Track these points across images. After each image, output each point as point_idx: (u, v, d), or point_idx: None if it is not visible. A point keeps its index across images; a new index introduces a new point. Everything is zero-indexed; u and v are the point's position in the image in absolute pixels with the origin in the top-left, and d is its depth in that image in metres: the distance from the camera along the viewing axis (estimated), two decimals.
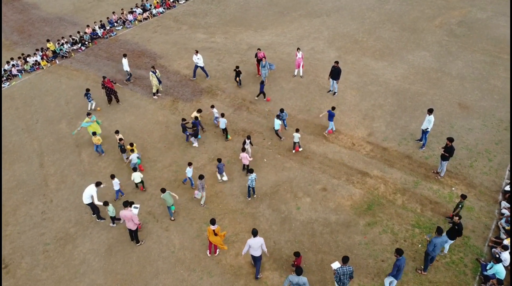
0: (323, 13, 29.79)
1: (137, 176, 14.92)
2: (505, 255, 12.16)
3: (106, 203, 13.32)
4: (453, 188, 15.16)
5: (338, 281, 10.60)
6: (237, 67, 20.54)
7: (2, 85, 22.13)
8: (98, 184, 13.70)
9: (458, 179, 15.54)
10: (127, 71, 21.47)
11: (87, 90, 19.48)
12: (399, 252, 10.56)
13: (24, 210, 14.95)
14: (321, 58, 23.84)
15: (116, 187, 14.70)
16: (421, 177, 15.68)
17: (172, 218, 14.25)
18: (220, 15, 30.18)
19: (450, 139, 14.64)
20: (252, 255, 11.87)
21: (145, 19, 29.54)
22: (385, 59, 23.46)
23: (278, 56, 24.05)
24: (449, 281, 12.05)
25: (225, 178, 15.71)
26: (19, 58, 23.52)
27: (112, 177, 14.49)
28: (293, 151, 16.96)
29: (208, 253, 12.94)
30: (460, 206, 13.22)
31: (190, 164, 14.96)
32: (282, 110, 17.41)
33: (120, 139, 16.29)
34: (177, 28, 28.28)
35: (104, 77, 19.70)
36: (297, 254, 11.59)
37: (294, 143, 16.77)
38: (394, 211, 14.34)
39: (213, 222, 11.92)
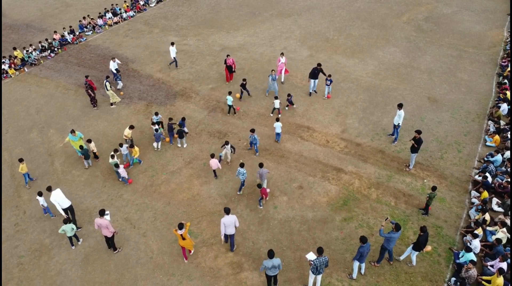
0: (294, 12, 30.08)
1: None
2: (475, 243, 12.62)
3: (65, 221, 12.75)
4: (425, 180, 15.60)
5: (315, 271, 10.98)
6: (244, 79, 19.81)
7: None
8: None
9: (429, 171, 16.00)
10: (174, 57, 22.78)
11: (117, 70, 21.02)
12: (363, 240, 11.10)
13: None
14: (294, 57, 24.08)
15: (45, 204, 14.23)
16: (394, 170, 16.07)
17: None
18: (191, 17, 30.06)
19: (418, 132, 15.09)
20: (226, 234, 12.57)
21: (116, 23, 29.13)
22: (356, 56, 23.90)
23: (251, 57, 24.16)
24: (424, 271, 12.40)
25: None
26: None
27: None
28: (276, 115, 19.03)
29: (185, 260, 12.88)
30: (428, 196, 13.63)
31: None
32: (252, 130, 16.50)
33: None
34: (149, 31, 28.01)
35: (86, 77, 19.70)
36: (259, 186, 14.05)
37: (274, 108, 18.89)
38: (369, 205, 14.65)
39: (180, 226, 11.89)
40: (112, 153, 15.66)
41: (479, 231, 13.04)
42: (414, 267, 12.47)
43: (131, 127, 17.02)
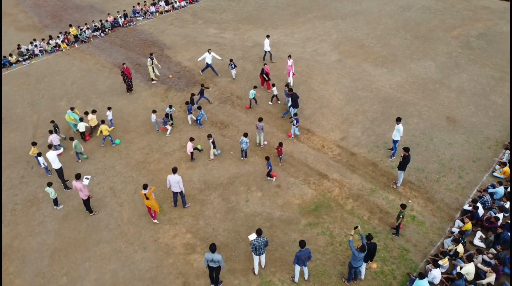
0: (338, 16, 29.60)
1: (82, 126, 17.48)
2: (435, 273, 11.82)
3: (49, 184, 14.43)
4: (409, 201, 14.81)
5: (254, 250, 11.60)
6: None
7: (23, 63, 24.47)
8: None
9: (418, 192, 15.14)
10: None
11: (231, 60, 21.64)
12: (301, 244, 11.11)
13: (7, 172, 16.69)
14: (321, 60, 23.84)
15: (45, 163, 15.92)
16: (380, 185, 15.45)
17: (79, 160, 16.92)
18: (237, 12, 30.97)
19: (406, 149, 14.37)
20: (173, 192, 14.15)
21: (167, 11, 31.03)
22: (386, 66, 22.99)
23: (279, 55, 24.36)
24: None
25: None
26: (43, 39, 25.83)
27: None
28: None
29: (152, 219, 14.10)
30: (401, 216, 13.00)
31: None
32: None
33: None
34: (193, 22, 29.46)
35: (123, 64, 21.03)
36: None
37: (273, 95, 19.70)
38: (340, 215, 14.31)
39: (144, 186, 13.16)
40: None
41: (443, 262, 12.19)
42: (362, 285, 12.05)
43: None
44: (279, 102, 20.08)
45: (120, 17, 28.99)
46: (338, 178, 15.81)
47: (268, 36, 23.08)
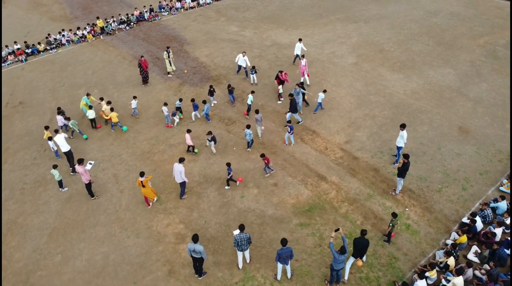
0: (362, 19, 29.19)
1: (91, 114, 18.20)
2: (420, 284, 11.57)
3: (54, 166, 15.14)
4: (406, 209, 14.51)
5: (237, 246, 11.77)
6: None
7: (50, 52, 25.72)
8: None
9: (417, 201, 14.80)
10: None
11: (253, 67, 21.21)
12: (283, 242, 11.17)
13: (21, 153, 17.66)
14: (337, 63, 23.65)
15: (55, 147, 16.74)
16: (379, 191, 15.22)
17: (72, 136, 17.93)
18: (260, 11, 31.16)
19: (406, 156, 14.09)
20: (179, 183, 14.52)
21: (191, 8, 31.66)
22: (403, 72, 22.51)
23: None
24: None
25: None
26: (70, 30, 27.02)
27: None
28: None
29: (148, 206, 14.68)
30: (391, 224, 12.80)
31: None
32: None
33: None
34: (216, 19, 29.91)
35: (141, 57, 21.64)
36: (262, 156, 15.38)
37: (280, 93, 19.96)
38: (333, 218, 14.23)
39: (141, 174, 13.73)
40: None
41: (431, 274, 11.90)
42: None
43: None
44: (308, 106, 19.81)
45: (146, 11, 29.86)
46: (337, 181, 15.70)
47: (300, 40, 22.53)
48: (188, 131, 16.60)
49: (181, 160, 14.24)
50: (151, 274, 12.53)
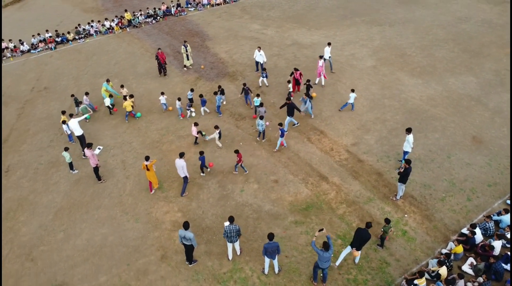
0: (387, 22, 28.72)
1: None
2: None
3: (65, 149, 15.89)
4: (405, 215, 14.28)
5: (226, 237, 12.08)
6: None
7: (78, 41, 26.92)
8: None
9: (418, 208, 14.53)
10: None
11: (264, 69, 21.31)
12: (269, 237, 11.38)
13: (40, 135, 18.67)
14: (355, 65, 23.43)
15: (68, 131, 17.58)
16: (379, 196, 15.04)
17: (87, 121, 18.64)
18: (285, 10, 31.25)
19: (408, 161, 13.86)
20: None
21: (218, 4, 32.17)
22: (422, 77, 22.02)
23: (313, 55, 24.29)
24: None
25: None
26: (99, 21, 28.16)
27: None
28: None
29: (150, 192, 15.24)
30: (382, 230, 12.69)
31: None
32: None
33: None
34: (240, 16, 30.26)
35: (158, 49, 22.47)
36: (236, 151, 15.58)
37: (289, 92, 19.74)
38: (329, 218, 14.21)
39: (146, 158, 14.35)
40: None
41: (419, 282, 11.68)
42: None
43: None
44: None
45: (173, 6, 30.64)
46: (338, 182, 15.64)
47: (329, 44, 21.74)
48: (195, 124, 17.00)
49: (181, 155, 14.50)
50: (145, 257, 12.99)
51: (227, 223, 12.09)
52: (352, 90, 19.10)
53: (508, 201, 14.57)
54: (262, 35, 27.26)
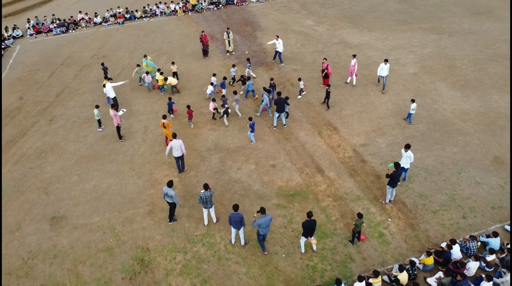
0: (447, 31, 27.24)
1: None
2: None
3: (96, 106, 18.04)
4: (389, 219, 14.08)
5: (202, 203, 13.16)
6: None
7: (144, 19, 29.71)
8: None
9: (405, 215, 14.22)
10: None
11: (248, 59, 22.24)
12: (234, 208, 12.32)
13: (86, 95, 21.38)
14: (397, 70, 22.82)
15: (107, 94, 19.45)
16: (369, 197, 14.95)
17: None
18: (344, 9, 31.09)
19: (397, 165, 13.66)
20: (174, 157, 15.39)
21: None
22: (463, 91, 20.82)
23: (357, 57, 24.06)
24: (293, 275, 12.25)
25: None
26: (165, 3, 30.72)
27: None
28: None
29: (166, 145, 17.06)
30: (354, 223, 12.76)
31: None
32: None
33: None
34: (296, 11, 30.82)
35: (202, 31, 24.31)
36: (188, 107, 17.66)
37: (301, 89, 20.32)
38: (311, 208, 14.51)
39: (164, 117, 16.17)
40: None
41: (374, 281, 11.68)
42: (284, 265, 12.46)
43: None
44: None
45: None
46: (332, 177, 15.81)
47: (386, 61, 20.10)
48: (213, 100, 18.26)
49: (174, 136, 15.32)
50: (135, 209, 14.58)
51: (202, 191, 13.13)
52: (412, 100, 18.11)
53: (507, 227, 13.60)
54: (312, 31, 27.60)
